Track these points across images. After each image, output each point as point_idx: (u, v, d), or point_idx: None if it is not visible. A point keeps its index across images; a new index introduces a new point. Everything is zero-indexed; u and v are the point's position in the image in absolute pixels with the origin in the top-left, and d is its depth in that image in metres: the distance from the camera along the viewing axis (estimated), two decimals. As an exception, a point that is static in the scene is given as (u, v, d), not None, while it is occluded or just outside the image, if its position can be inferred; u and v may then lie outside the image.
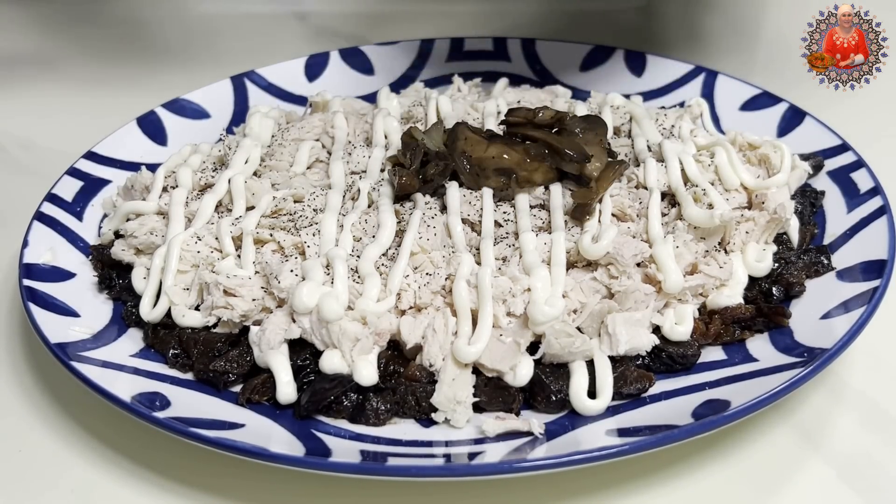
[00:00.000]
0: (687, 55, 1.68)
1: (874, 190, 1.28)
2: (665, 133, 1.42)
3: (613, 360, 1.09)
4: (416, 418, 1.07)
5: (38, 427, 1.14)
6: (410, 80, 1.72)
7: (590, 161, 1.24)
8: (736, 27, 2.07)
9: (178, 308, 1.17)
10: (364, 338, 1.08)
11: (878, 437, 1.08)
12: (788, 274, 1.20)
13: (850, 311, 1.10)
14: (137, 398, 1.03)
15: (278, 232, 1.23)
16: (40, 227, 1.29)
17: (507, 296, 1.10)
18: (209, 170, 1.39)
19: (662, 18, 2.14)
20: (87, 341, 1.14)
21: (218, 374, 1.10)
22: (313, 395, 1.06)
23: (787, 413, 1.10)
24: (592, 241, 1.15)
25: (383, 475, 0.95)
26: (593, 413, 1.05)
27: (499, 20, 2.14)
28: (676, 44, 1.99)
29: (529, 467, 0.94)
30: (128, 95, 1.83)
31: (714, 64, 1.68)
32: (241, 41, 2.13)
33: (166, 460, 1.07)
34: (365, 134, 1.46)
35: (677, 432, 0.95)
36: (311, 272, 1.12)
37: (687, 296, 1.16)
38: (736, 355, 1.13)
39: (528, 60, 1.74)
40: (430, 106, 1.49)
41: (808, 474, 1.04)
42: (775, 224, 1.24)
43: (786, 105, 1.50)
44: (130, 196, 1.37)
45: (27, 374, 1.22)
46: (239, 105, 1.65)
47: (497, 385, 1.07)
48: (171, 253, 1.20)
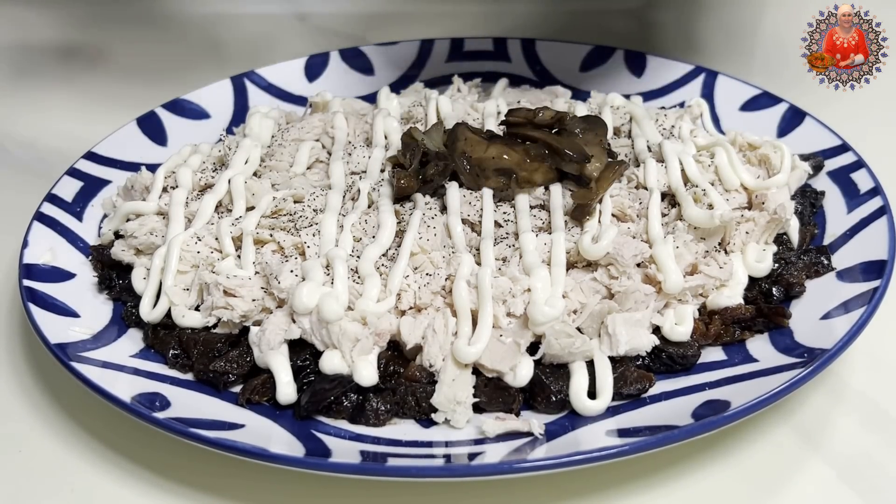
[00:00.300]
0: (686, 56, 1.68)
1: (874, 190, 1.28)
2: (665, 133, 1.42)
3: (613, 360, 1.09)
4: (416, 419, 1.07)
5: (38, 427, 1.14)
6: (410, 80, 1.72)
7: (589, 161, 1.24)
8: (735, 28, 2.06)
9: (177, 308, 1.17)
10: (364, 338, 1.08)
11: (878, 437, 1.08)
12: (788, 274, 1.20)
13: (850, 311, 1.10)
14: (137, 398, 1.03)
15: (278, 232, 1.23)
16: (40, 228, 1.29)
17: (507, 296, 1.10)
18: (209, 170, 1.39)
19: (661, 20, 2.14)
20: (87, 342, 1.14)
21: (218, 374, 1.10)
22: (313, 395, 1.06)
23: (787, 413, 1.10)
24: (592, 242, 1.15)
25: (383, 476, 0.95)
26: (593, 413, 1.05)
27: (499, 20, 2.14)
28: (675, 44, 1.99)
29: (529, 468, 0.94)
30: (128, 96, 1.83)
31: (713, 64, 1.68)
32: (241, 41, 2.13)
33: (166, 461, 1.07)
34: (365, 134, 1.46)
35: (677, 433, 0.95)
36: (311, 272, 1.12)
37: (687, 296, 1.16)
38: (736, 356, 1.13)
39: (527, 61, 1.74)
40: (430, 106, 1.49)
41: (809, 475, 1.04)
42: (775, 224, 1.24)
43: (786, 105, 1.50)
44: (130, 196, 1.37)
45: (27, 375, 1.22)
46: (239, 105, 1.65)
47: (497, 385, 1.07)
48: (171, 253, 1.20)
